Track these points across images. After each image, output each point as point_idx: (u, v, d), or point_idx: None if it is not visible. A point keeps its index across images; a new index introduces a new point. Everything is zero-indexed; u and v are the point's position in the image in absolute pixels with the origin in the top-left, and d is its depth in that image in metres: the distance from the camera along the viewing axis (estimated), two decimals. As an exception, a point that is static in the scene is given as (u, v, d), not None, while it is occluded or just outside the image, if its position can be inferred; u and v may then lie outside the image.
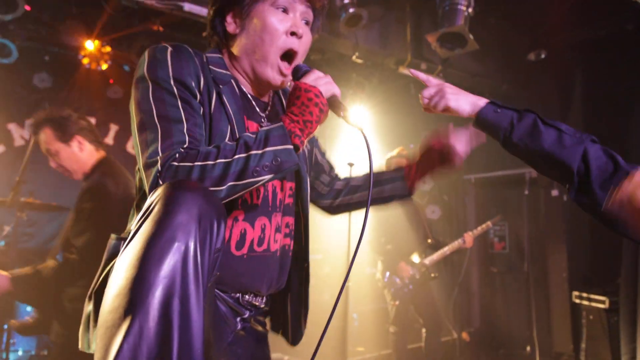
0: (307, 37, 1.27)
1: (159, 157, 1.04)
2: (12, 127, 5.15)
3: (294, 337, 1.38)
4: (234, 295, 1.24)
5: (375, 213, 4.03)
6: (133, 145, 1.17)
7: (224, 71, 1.26)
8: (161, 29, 4.30)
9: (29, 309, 3.87)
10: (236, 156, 1.04)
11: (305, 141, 1.12)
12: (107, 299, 0.87)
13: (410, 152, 4.45)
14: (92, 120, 5.81)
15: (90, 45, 4.45)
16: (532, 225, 5.04)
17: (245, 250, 1.21)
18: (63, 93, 5.39)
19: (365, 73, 5.26)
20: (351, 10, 3.70)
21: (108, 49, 4.71)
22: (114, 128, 5.79)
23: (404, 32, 4.43)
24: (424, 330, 3.98)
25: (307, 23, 1.29)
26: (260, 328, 1.36)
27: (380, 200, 1.55)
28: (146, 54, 1.16)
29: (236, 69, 1.30)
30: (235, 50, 1.28)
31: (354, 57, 4.37)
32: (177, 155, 1.05)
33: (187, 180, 0.98)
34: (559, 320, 4.78)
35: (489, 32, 4.52)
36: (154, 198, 0.92)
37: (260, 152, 1.05)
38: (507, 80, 5.11)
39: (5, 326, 3.36)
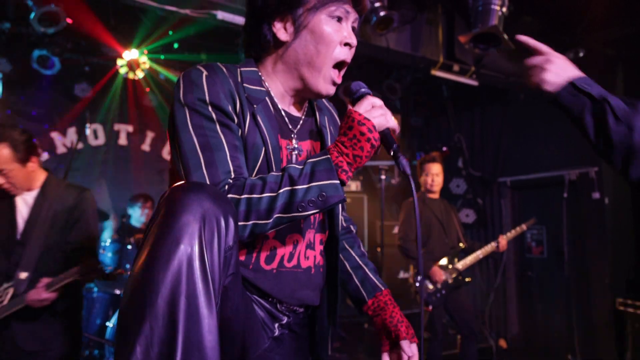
0: (355, 44, 1.27)
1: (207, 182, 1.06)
2: (54, 135, 5.36)
3: (320, 355, 1.37)
4: (271, 301, 1.24)
5: (406, 216, 3.99)
6: (170, 169, 1.18)
7: (259, 88, 1.23)
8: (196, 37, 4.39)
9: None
10: (281, 190, 1.04)
11: (352, 174, 1.10)
12: (123, 302, 0.90)
13: (443, 157, 4.39)
14: (129, 128, 6.04)
15: (127, 55, 4.59)
16: (571, 229, 4.87)
17: (274, 265, 1.22)
18: (102, 102, 5.58)
19: (397, 76, 5.22)
20: (382, 13, 3.69)
21: (144, 58, 4.85)
22: (150, 135, 5.95)
23: (436, 34, 4.38)
24: (459, 336, 3.90)
25: (354, 30, 1.27)
26: (299, 335, 1.35)
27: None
28: (181, 79, 1.16)
29: (275, 81, 1.27)
30: (282, 58, 1.25)
31: (385, 61, 4.35)
32: (225, 186, 1.06)
33: (196, 185, 0.98)
34: (602, 328, 4.60)
35: (523, 31, 4.38)
36: (161, 201, 0.94)
37: (305, 186, 1.05)
38: (544, 80, 4.97)
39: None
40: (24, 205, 2.35)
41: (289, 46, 1.23)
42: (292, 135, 1.28)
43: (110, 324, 3.73)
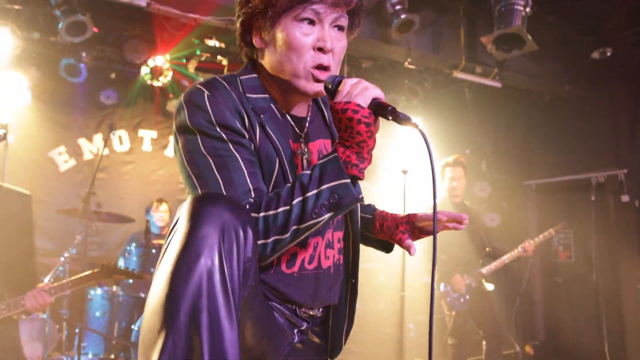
0: (340, 45, 1.16)
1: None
2: (81, 142, 5.49)
3: (332, 350, 1.36)
4: (291, 307, 1.24)
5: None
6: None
7: (261, 95, 1.19)
8: (218, 43, 4.44)
9: (98, 313, 4.08)
10: (295, 201, 1.03)
11: (367, 164, 1.05)
12: (145, 317, 0.91)
13: (466, 158, 4.34)
14: (154, 134, 6.14)
15: (152, 62, 4.67)
16: (600, 233, 4.74)
17: (296, 268, 1.21)
18: (127, 108, 5.69)
19: (418, 79, 5.19)
20: (403, 16, 3.67)
21: (167, 65, 4.93)
22: (173, 141, 6.03)
23: (458, 36, 4.33)
24: (484, 342, 3.84)
25: (340, 28, 1.17)
26: (317, 340, 1.35)
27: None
28: (182, 102, 1.12)
29: (272, 85, 1.22)
30: (265, 65, 1.20)
31: (406, 64, 4.32)
32: (247, 205, 1.05)
33: (215, 197, 0.98)
34: (634, 335, 4.46)
35: (548, 31, 4.33)
36: (179, 214, 0.94)
37: (316, 191, 1.02)
38: (569, 81, 4.88)
39: (77, 329, 3.56)
40: None
41: (266, 53, 1.18)
42: (300, 140, 1.25)
43: (135, 327, 3.78)
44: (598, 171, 4.82)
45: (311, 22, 1.12)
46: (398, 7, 3.69)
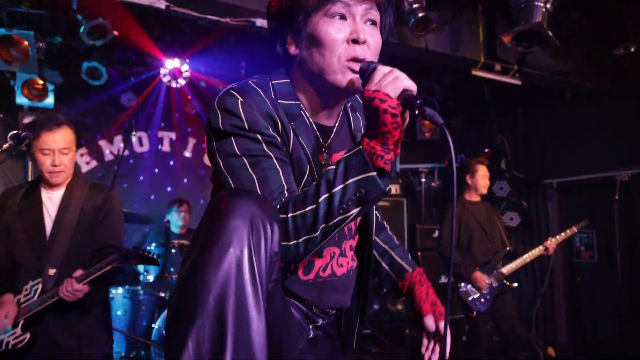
0: (374, 40, 1.15)
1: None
2: (102, 143, 5.58)
3: (344, 347, 1.40)
4: (307, 304, 1.28)
5: (444, 220, 3.91)
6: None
7: (292, 102, 1.19)
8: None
9: (119, 312, 4.15)
10: (321, 198, 1.02)
11: (394, 156, 1.03)
12: (174, 300, 0.94)
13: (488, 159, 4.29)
14: (172, 135, 6.20)
15: (170, 64, 4.73)
16: (624, 232, 4.64)
17: (311, 275, 1.25)
18: (147, 110, 5.77)
19: (436, 77, 5.14)
20: (420, 14, 3.64)
21: (186, 67, 4.99)
22: (191, 141, 6.10)
23: (476, 33, 4.28)
24: (505, 343, 3.79)
25: (373, 23, 1.16)
26: (332, 336, 1.38)
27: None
28: (216, 107, 1.12)
29: (302, 93, 1.22)
30: (299, 72, 1.21)
31: (423, 62, 4.29)
32: (278, 205, 1.06)
33: (245, 191, 1.00)
34: (659, 337, 4.35)
35: (569, 27, 4.25)
36: (210, 206, 0.97)
37: (342, 187, 1.01)
38: (592, 77, 4.78)
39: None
40: (50, 203, 2.40)
41: (299, 59, 1.18)
42: (323, 150, 1.24)
43: (155, 326, 3.83)
44: (622, 169, 4.71)
45: (342, 17, 1.12)
46: (415, 5, 3.65)
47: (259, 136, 1.09)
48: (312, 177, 1.18)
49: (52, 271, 2.29)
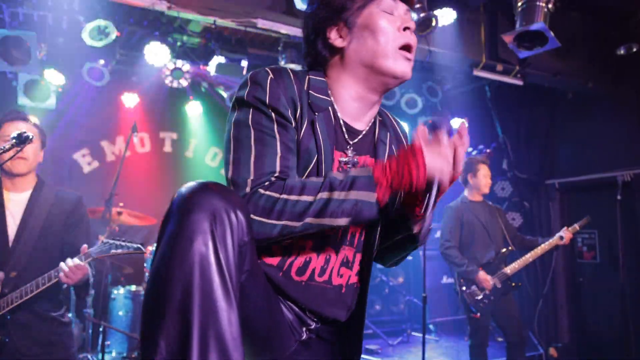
0: (414, 38, 1.26)
1: (249, 180, 1.10)
2: (104, 144, 5.59)
3: (349, 354, 1.34)
4: (301, 306, 1.25)
5: (447, 221, 3.91)
6: (224, 161, 1.21)
7: (323, 97, 1.25)
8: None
9: (121, 313, 4.15)
10: (319, 195, 1.06)
11: (388, 198, 1.08)
12: (144, 301, 0.94)
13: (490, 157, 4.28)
14: (174, 136, 6.21)
15: (172, 65, 4.73)
16: (626, 233, 4.63)
17: (305, 277, 1.22)
18: (148, 111, 5.78)
19: (438, 77, 5.15)
20: (422, 14, 3.64)
21: (187, 67, 4.99)
22: (193, 142, 6.11)
23: (478, 34, 4.28)
24: (507, 344, 3.78)
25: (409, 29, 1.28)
26: (327, 340, 1.33)
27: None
28: (248, 79, 1.19)
29: (340, 89, 1.27)
30: (344, 64, 1.26)
31: (425, 62, 4.29)
32: (267, 182, 1.09)
33: (202, 184, 0.99)
34: (662, 337, 4.34)
35: (571, 27, 4.25)
36: (172, 202, 0.96)
37: (343, 195, 1.05)
38: (594, 77, 4.77)
39: (101, 328, 3.62)
40: (14, 206, 2.36)
41: (348, 49, 1.25)
42: (348, 147, 1.28)
43: (157, 327, 3.83)
44: (624, 169, 4.70)
45: (390, 13, 1.24)
46: (417, 5, 3.66)
47: (274, 115, 1.14)
48: (318, 168, 1.19)
49: (13, 274, 2.25)
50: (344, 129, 1.27)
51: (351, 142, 1.28)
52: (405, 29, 1.23)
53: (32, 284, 2.19)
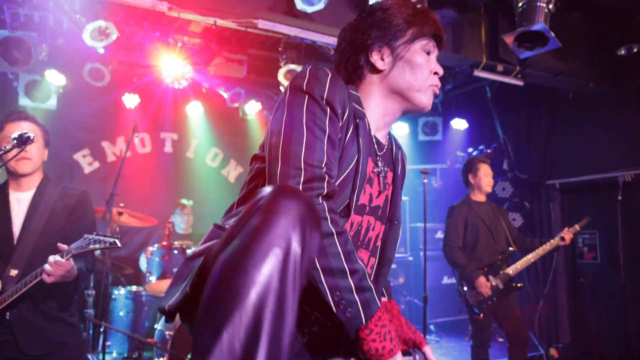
0: None
1: (302, 164, 1.13)
2: (105, 144, 5.60)
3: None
4: (304, 307, 1.24)
5: (451, 222, 3.91)
6: (268, 142, 1.23)
7: (360, 108, 1.33)
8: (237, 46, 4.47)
9: (121, 313, 4.15)
10: (343, 259, 1.09)
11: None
12: (209, 290, 0.92)
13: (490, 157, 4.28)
14: (175, 136, 6.21)
15: (172, 65, 4.73)
16: (627, 233, 4.62)
17: None
18: (149, 111, 5.78)
19: (439, 78, 5.14)
20: (422, 15, 3.64)
21: (188, 68, 4.99)
22: (193, 142, 6.11)
23: (479, 34, 4.28)
24: (508, 344, 3.78)
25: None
26: (324, 344, 1.32)
27: None
28: (308, 70, 1.24)
29: (370, 104, 1.37)
30: (379, 84, 1.38)
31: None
32: (321, 186, 1.13)
33: (295, 190, 1.01)
34: (663, 338, 4.33)
35: (572, 28, 4.24)
36: (259, 199, 0.96)
37: (352, 288, 1.09)
38: (594, 78, 4.77)
39: (102, 329, 3.63)
40: (18, 205, 2.36)
41: (386, 74, 1.36)
42: (378, 159, 1.37)
43: (158, 327, 3.83)
44: (625, 170, 4.70)
45: (428, 54, 1.39)
46: (417, 5, 3.65)
47: (329, 110, 1.20)
48: (357, 171, 1.24)
49: (13, 272, 2.24)
50: (374, 141, 1.37)
51: (380, 154, 1.38)
52: (435, 73, 1.39)
53: (21, 282, 2.18)
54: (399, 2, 1.38)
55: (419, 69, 1.35)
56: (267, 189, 0.98)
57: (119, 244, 2.18)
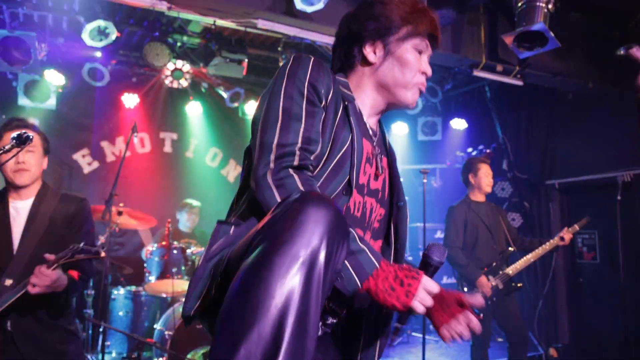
0: None
1: (273, 146, 1.15)
2: (104, 144, 5.59)
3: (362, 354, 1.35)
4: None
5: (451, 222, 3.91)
6: (254, 122, 1.26)
7: (349, 92, 1.36)
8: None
9: (121, 313, 4.15)
10: None
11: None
12: (230, 299, 0.90)
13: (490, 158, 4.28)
14: (174, 136, 6.20)
15: (172, 65, 4.74)
16: (626, 233, 4.63)
17: None
18: (148, 111, 5.78)
19: (438, 78, 5.15)
20: (422, 15, 3.64)
21: (187, 68, 4.99)
22: (193, 142, 6.11)
23: (478, 34, 4.28)
24: (508, 344, 3.78)
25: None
26: (337, 337, 1.34)
27: None
28: (292, 57, 1.27)
29: (360, 94, 1.40)
30: (369, 76, 1.39)
31: (425, 63, 4.28)
32: (292, 157, 1.14)
33: (322, 197, 0.97)
34: (662, 338, 4.33)
35: (572, 28, 4.25)
36: (286, 206, 0.93)
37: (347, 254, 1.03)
38: (594, 78, 4.77)
39: (101, 329, 3.62)
40: (18, 213, 2.33)
41: (376, 67, 1.38)
42: (373, 141, 1.39)
43: (157, 327, 3.83)
44: (624, 170, 4.70)
45: (420, 53, 1.39)
46: (417, 3, 3.65)
47: (310, 89, 1.21)
48: (352, 151, 1.24)
49: (8, 282, 2.19)
50: (366, 124, 1.38)
51: (375, 138, 1.39)
52: (423, 72, 1.39)
53: (9, 293, 2.14)
54: None
55: (408, 67, 1.36)
56: (295, 195, 0.95)
57: (102, 254, 2.17)
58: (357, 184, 1.26)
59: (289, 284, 0.84)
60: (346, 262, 1.06)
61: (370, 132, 1.39)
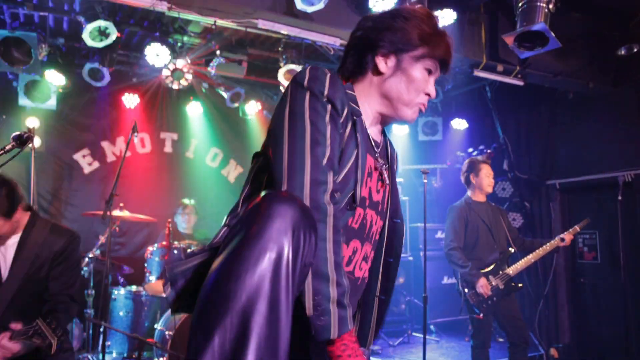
0: None
1: (306, 162, 1.13)
2: (105, 144, 5.59)
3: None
4: None
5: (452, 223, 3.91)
6: (271, 136, 1.24)
7: (356, 107, 1.35)
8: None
9: (121, 313, 4.15)
10: (332, 268, 1.06)
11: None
12: (205, 291, 0.94)
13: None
14: (174, 136, 6.20)
15: (172, 65, 4.73)
16: (627, 233, 4.62)
17: None
18: (149, 111, 5.78)
19: (438, 78, 5.14)
20: (422, 15, 3.64)
21: (188, 67, 4.99)
22: (193, 142, 6.11)
23: (478, 34, 4.28)
24: (508, 344, 3.77)
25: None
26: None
27: None
28: (308, 70, 1.26)
29: (365, 103, 1.39)
30: (376, 86, 1.39)
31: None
32: (325, 180, 1.12)
33: (289, 194, 1.02)
34: (663, 338, 4.33)
35: (572, 28, 4.25)
36: (254, 204, 0.98)
37: (332, 299, 1.05)
38: (595, 78, 4.77)
39: (102, 329, 3.63)
40: (6, 249, 2.28)
41: (385, 78, 1.37)
42: (376, 155, 1.40)
43: (158, 327, 3.83)
44: (625, 170, 4.70)
45: (429, 73, 1.39)
46: (417, 6, 3.65)
47: (329, 106, 1.21)
48: (357, 166, 1.25)
49: None
50: (370, 138, 1.39)
51: (377, 151, 1.41)
52: (427, 94, 1.40)
53: None
54: (423, 14, 1.37)
55: (414, 86, 1.36)
56: (262, 194, 0.99)
57: (53, 348, 2.07)
58: (360, 197, 1.28)
59: (258, 273, 0.89)
60: (333, 308, 1.05)
61: (373, 143, 1.40)
